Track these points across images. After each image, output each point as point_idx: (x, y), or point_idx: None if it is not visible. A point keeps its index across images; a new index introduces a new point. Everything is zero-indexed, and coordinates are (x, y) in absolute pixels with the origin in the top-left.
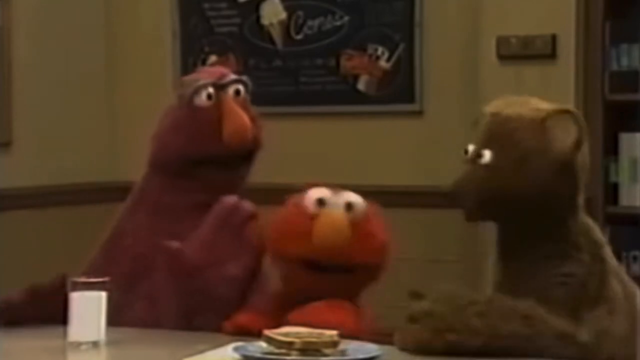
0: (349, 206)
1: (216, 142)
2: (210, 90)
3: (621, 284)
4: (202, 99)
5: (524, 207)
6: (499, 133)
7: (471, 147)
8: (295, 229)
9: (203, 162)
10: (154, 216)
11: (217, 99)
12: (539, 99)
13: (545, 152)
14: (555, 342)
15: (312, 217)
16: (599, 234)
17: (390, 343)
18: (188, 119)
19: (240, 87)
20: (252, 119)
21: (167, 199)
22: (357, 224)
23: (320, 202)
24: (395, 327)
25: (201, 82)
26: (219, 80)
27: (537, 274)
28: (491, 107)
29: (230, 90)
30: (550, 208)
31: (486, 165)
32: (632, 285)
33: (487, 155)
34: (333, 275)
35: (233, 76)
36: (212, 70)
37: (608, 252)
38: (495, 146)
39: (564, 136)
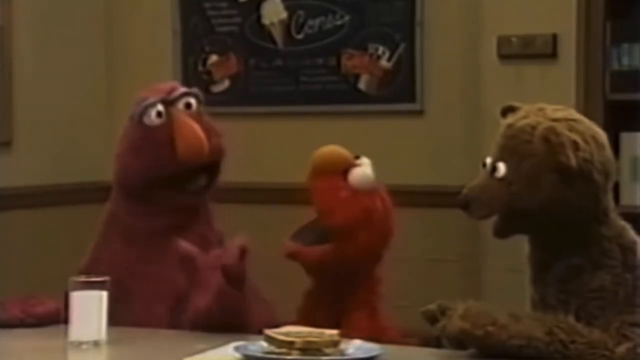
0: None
1: (172, 160)
2: (160, 107)
3: None
4: (151, 118)
5: (541, 221)
6: (512, 146)
7: (489, 160)
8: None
9: (164, 184)
10: (126, 242)
11: (167, 116)
12: (544, 101)
13: (554, 165)
14: (589, 350)
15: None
16: (632, 236)
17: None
18: (141, 140)
19: (191, 100)
20: (209, 130)
21: (137, 224)
22: (361, 196)
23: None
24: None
25: (149, 100)
26: (167, 95)
27: (569, 290)
28: (509, 118)
29: (180, 104)
30: (569, 219)
31: (501, 179)
32: None
33: (502, 168)
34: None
35: (182, 89)
36: (161, 87)
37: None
38: (509, 159)
39: (567, 146)
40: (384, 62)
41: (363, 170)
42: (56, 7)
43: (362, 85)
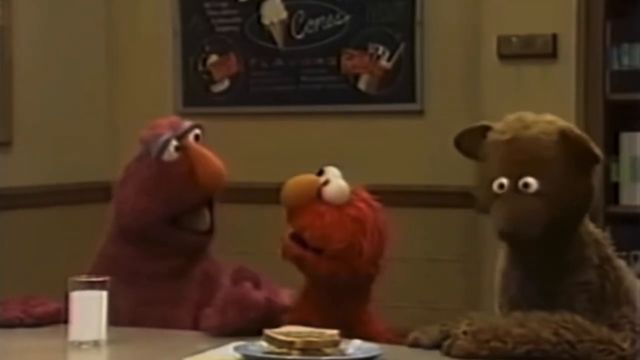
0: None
1: (193, 190)
2: (175, 142)
3: (631, 275)
4: (170, 153)
5: (576, 220)
6: (532, 158)
7: (505, 180)
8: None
9: (175, 225)
10: (128, 285)
11: (183, 150)
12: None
13: (581, 158)
14: (598, 347)
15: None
16: (599, 232)
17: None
18: (159, 177)
19: (199, 132)
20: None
21: (145, 268)
22: (344, 208)
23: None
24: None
25: (164, 137)
26: (177, 130)
27: (557, 286)
28: (500, 135)
29: (191, 136)
30: (585, 216)
31: (537, 193)
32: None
33: (533, 183)
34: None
35: (188, 122)
36: (164, 123)
37: (610, 249)
38: (536, 172)
39: (587, 137)
40: (384, 62)
41: (334, 184)
42: (56, 7)
43: (362, 85)
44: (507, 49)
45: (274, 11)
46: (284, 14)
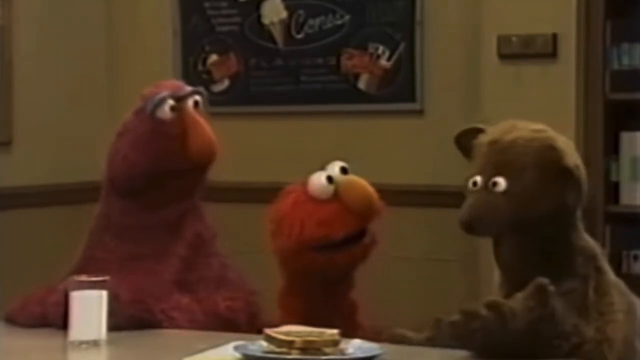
0: (344, 169)
1: (182, 156)
2: (172, 102)
3: (620, 295)
4: (165, 111)
5: (539, 227)
6: (509, 160)
7: (479, 178)
8: (316, 215)
9: (169, 174)
10: (120, 240)
11: (178, 112)
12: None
13: (556, 172)
14: (567, 330)
15: (327, 200)
16: (595, 246)
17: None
18: (151, 133)
19: (199, 99)
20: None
21: (131, 222)
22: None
23: (329, 179)
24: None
25: (162, 94)
26: (177, 91)
27: None
28: (485, 137)
29: (190, 102)
30: (560, 225)
31: (503, 193)
32: (631, 295)
33: (502, 183)
34: (346, 249)
35: (190, 88)
36: (167, 84)
37: (605, 263)
38: (507, 173)
39: (567, 153)
40: (383, 62)
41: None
42: (56, 7)
43: (362, 84)
44: (507, 48)
45: (274, 11)
46: (284, 14)
